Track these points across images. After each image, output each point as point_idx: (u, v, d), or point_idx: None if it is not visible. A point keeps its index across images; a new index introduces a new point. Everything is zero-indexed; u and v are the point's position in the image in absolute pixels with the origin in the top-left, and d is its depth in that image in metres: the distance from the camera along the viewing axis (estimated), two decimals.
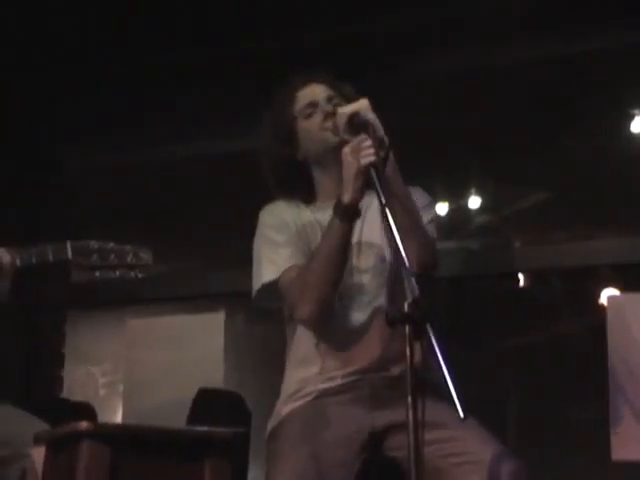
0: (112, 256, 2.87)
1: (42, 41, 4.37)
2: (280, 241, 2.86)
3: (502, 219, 4.53)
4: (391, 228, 2.36)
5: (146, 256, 2.92)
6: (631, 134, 4.30)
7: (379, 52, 4.28)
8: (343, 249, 2.70)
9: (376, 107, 2.69)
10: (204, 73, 4.49)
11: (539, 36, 4.18)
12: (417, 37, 4.23)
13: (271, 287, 2.83)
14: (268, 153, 2.97)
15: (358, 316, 2.81)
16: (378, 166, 2.53)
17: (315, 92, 2.94)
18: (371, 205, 2.74)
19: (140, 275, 2.94)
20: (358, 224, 2.74)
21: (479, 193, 4.54)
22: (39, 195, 4.86)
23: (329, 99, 2.91)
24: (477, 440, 2.59)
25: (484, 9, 4.12)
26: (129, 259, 2.90)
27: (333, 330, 2.81)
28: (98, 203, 4.93)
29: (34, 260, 2.84)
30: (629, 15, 4.01)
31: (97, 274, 2.87)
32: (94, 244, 2.87)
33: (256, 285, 2.87)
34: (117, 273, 2.89)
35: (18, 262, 2.83)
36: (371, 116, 2.66)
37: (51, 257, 2.84)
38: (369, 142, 2.57)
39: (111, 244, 2.89)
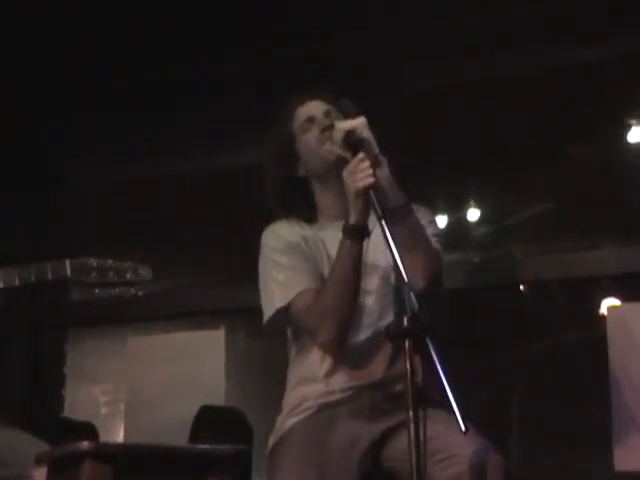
0: (111, 273, 2.87)
1: (44, 56, 4.38)
2: (287, 264, 2.85)
3: (502, 231, 4.53)
4: (389, 243, 2.38)
5: (145, 272, 2.92)
6: (629, 144, 4.31)
7: (377, 65, 4.28)
8: (357, 269, 2.71)
9: (375, 120, 2.70)
10: (204, 89, 4.50)
11: (538, 48, 4.19)
12: (415, 50, 4.23)
13: (284, 312, 2.83)
14: (270, 171, 2.99)
15: (361, 337, 2.81)
16: (375, 187, 2.56)
17: (313, 107, 2.96)
18: (376, 226, 2.74)
19: (140, 293, 2.94)
20: (363, 245, 2.75)
21: (478, 205, 4.54)
22: (41, 210, 4.86)
23: (327, 114, 2.93)
24: (457, 435, 2.58)
25: (483, 21, 4.13)
26: (128, 276, 2.89)
27: (338, 350, 2.81)
28: (98, 219, 4.93)
29: (33, 278, 2.84)
30: (627, 26, 4.02)
31: (96, 291, 2.87)
32: (93, 261, 2.86)
33: (269, 311, 2.85)
34: (116, 290, 2.89)
35: None
36: (367, 134, 2.68)
37: (50, 275, 2.84)
38: (366, 164, 2.59)
39: (110, 261, 2.89)
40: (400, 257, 2.39)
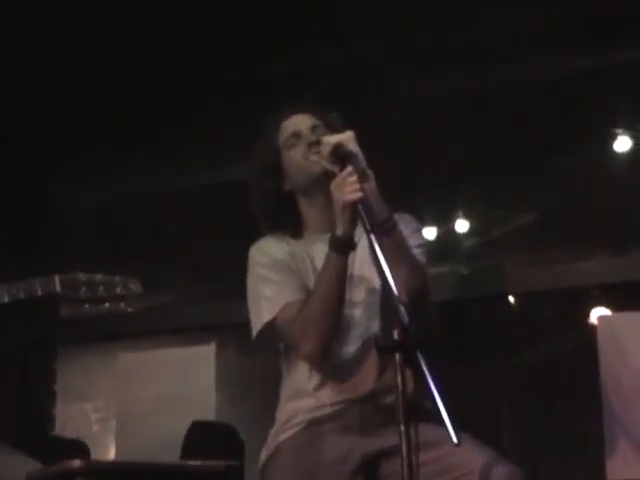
0: (101, 288, 2.85)
1: (30, 73, 4.37)
2: (274, 279, 2.85)
3: (491, 242, 4.53)
4: (377, 256, 2.38)
5: (135, 286, 2.90)
6: (616, 153, 4.32)
7: (366, 77, 4.29)
8: (341, 282, 2.71)
9: (363, 133, 2.70)
10: (194, 104, 4.50)
11: (525, 58, 4.21)
12: (404, 60, 4.24)
13: (272, 326, 2.82)
14: (255, 186, 2.98)
15: (350, 349, 2.80)
16: (363, 200, 2.56)
17: (299, 122, 2.94)
18: (361, 238, 2.73)
19: (130, 309, 2.92)
20: (349, 257, 2.74)
21: (467, 216, 4.54)
22: (29, 226, 4.83)
23: (313, 129, 2.91)
24: (468, 451, 2.58)
25: (474, 30, 4.15)
26: (118, 290, 2.88)
27: (326, 363, 2.80)
28: (89, 235, 4.92)
29: (22, 295, 2.82)
30: (614, 36, 4.04)
31: (86, 307, 2.85)
32: (82, 276, 2.84)
33: (257, 325, 2.85)
34: (106, 305, 2.87)
35: None
36: (354, 148, 2.68)
37: (40, 291, 2.82)
38: (353, 177, 2.59)
39: (99, 275, 2.86)
40: (382, 270, 2.38)
